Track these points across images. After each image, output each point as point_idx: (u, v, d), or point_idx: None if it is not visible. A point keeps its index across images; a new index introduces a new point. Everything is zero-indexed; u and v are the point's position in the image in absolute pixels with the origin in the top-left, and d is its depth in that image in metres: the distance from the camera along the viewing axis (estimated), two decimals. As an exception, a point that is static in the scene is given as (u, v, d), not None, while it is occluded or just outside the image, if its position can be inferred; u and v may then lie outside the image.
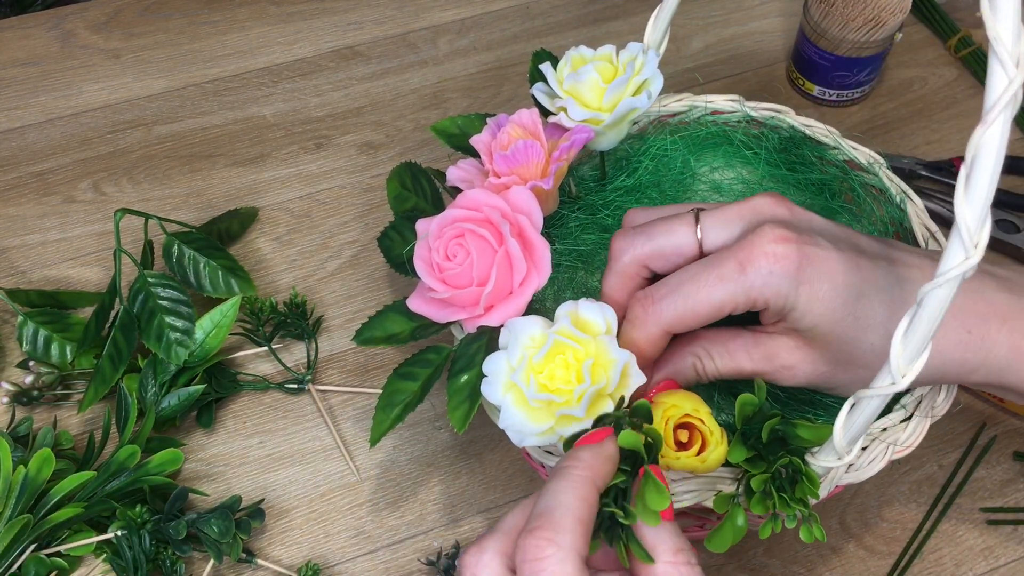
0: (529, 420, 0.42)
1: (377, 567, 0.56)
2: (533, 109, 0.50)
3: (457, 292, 0.46)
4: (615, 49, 0.51)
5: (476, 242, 0.46)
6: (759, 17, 0.81)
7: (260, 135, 0.74)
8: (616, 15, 0.81)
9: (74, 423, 0.60)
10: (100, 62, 0.78)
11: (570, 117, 0.49)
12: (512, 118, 0.50)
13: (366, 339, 0.49)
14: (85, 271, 0.67)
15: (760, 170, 0.55)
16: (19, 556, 0.52)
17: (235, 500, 0.55)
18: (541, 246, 0.46)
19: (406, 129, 0.74)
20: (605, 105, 0.49)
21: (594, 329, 0.43)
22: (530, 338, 0.43)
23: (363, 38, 0.79)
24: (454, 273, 0.46)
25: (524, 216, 0.47)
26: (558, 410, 0.41)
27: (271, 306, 0.61)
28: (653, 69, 0.50)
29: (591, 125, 0.49)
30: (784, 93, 0.76)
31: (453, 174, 0.51)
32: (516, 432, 0.42)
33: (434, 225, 0.47)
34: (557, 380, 0.41)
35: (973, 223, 0.29)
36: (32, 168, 0.72)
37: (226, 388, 0.60)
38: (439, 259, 0.46)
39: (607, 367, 0.41)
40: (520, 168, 0.48)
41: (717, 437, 0.41)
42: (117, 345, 0.58)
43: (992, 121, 0.28)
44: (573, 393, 0.41)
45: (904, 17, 0.68)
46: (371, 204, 0.70)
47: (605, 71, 0.49)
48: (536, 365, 0.42)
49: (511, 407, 0.42)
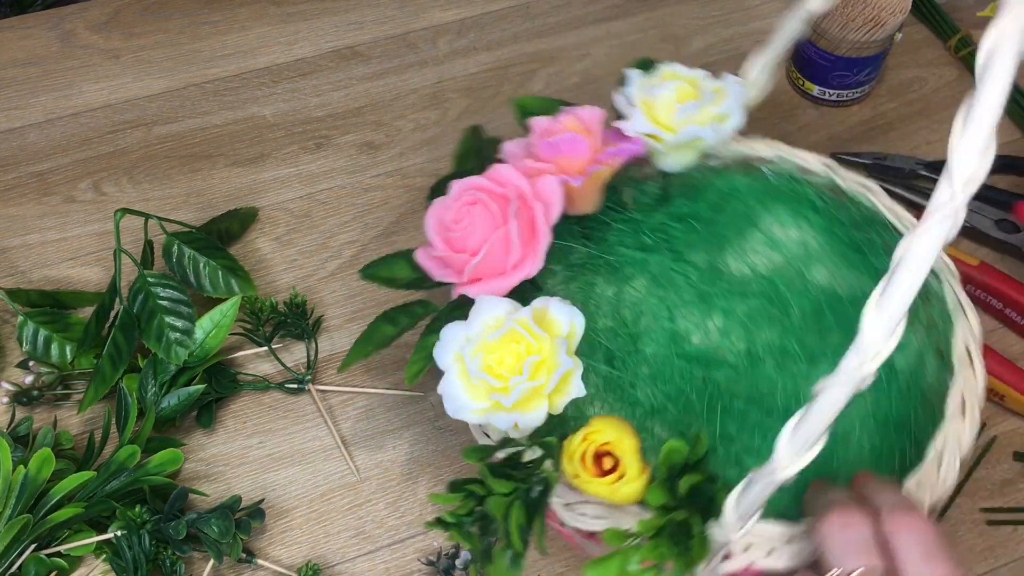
0: (467, 395, 0.43)
1: (377, 567, 0.56)
2: (601, 110, 0.50)
3: (452, 255, 0.47)
4: (706, 74, 0.50)
5: (482, 213, 0.46)
6: (759, 17, 0.81)
7: (260, 135, 0.74)
8: (616, 15, 0.81)
9: (74, 423, 0.60)
10: (100, 62, 0.78)
11: (632, 127, 0.49)
12: (574, 110, 0.50)
13: (370, 274, 0.51)
14: (85, 271, 0.67)
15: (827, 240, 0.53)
16: (19, 556, 0.52)
17: (235, 500, 0.55)
18: (543, 238, 0.47)
19: (406, 129, 0.74)
20: (672, 125, 0.48)
21: (556, 330, 0.43)
22: (493, 317, 0.44)
23: (363, 38, 0.79)
24: (455, 236, 0.47)
25: (542, 205, 0.47)
26: (492, 395, 0.42)
27: (271, 306, 0.61)
28: (733, 105, 0.49)
29: (654, 141, 0.48)
30: (784, 93, 0.76)
31: (506, 148, 0.52)
32: (452, 402, 0.43)
33: (458, 187, 0.48)
34: (502, 366, 0.42)
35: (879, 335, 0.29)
36: (32, 168, 0.72)
37: (226, 388, 0.60)
38: (449, 219, 0.47)
39: (551, 369, 0.42)
40: (561, 159, 0.48)
41: (633, 473, 0.41)
42: (117, 345, 0.58)
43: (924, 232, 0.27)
44: (509, 383, 0.42)
45: (904, 17, 0.68)
46: (371, 204, 0.70)
47: (684, 92, 0.49)
48: (489, 344, 0.43)
49: (454, 377, 0.43)
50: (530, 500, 0.41)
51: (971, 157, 0.27)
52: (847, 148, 0.72)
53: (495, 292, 0.46)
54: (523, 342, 0.42)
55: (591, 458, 0.42)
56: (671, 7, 0.81)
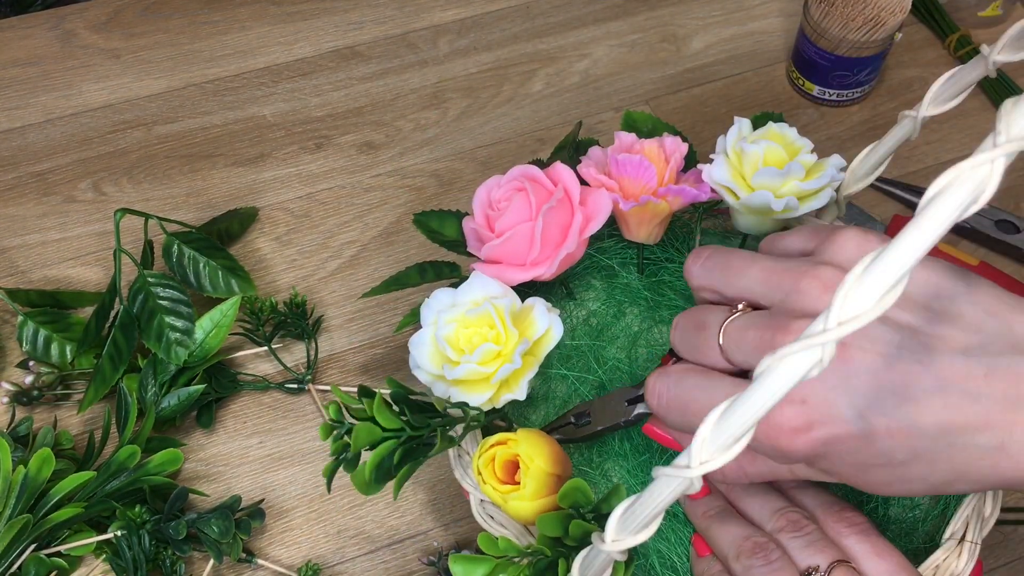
0: (427, 355, 0.45)
1: (377, 567, 0.56)
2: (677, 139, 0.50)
3: (484, 231, 0.48)
4: (811, 147, 0.48)
5: (522, 201, 0.47)
6: (759, 17, 0.81)
7: (260, 135, 0.74)
8: (616, 15, 0.81)
9: (74, 423, 0.60)
10: (100, 62, 0.78)
11: (709, 173, 0.48)
12: (657, 139, 0.51)
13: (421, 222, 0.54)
14: (85, 271, 0.67)
15: None
16: (19, 556, 0.52)
17: (235, 500, 0.55)
18: (571, 246, 0.47)
19: (406, 129, 0.74)
20: (750, 182, 0.47)
21: (530, 331, 0.45)
22: (481, 295, 0.46)
23: (363, 38, 0.79)
24: (493, 215, 0.48)
25: (584, 216, 0.47)
26: (445, 365, 0.44)
27: (271, 306, 0.61)
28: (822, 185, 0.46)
29: (729, 195, 0.47)
30: (784, 93, 0.76)
31: (592, 151, 0.52)
32: (414, 358, 0.46)
33: (517, 171, 0.49)
34: (465, 343, 0.44)
35: (711, 448, 0.27)
36: (32, 168, 0.72)
37: (226, 388, 0.60)
38: (496, 197, 0.49)
39: (508, 357, 0.43)
40: (625, 179, 0.48)
41: (527, 493, 0.41)
42: (117, 345, 0.58)
43: (784, 356, 0.25)
44: (460, 358, 0.44)
45: (904, 17, 0.68)
46: (371, 204, 0.70)
47: (773, 154, 0.47)
48: (465, 319, 0.45)
49: (426, 335, 0.46)
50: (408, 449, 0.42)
51: (858, 302, 0.24)
52: (847, 149, 0.72)
53: (506, 280, 0.47)
54: (494, 329, 0.44)
55: (500, 464, 0.43)
56: (671, 7, 0.81)
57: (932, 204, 0.24)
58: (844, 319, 0.24)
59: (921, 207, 0.24)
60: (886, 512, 0.46)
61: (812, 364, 0.25)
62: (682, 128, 0.72)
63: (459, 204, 0.70)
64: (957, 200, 0.23)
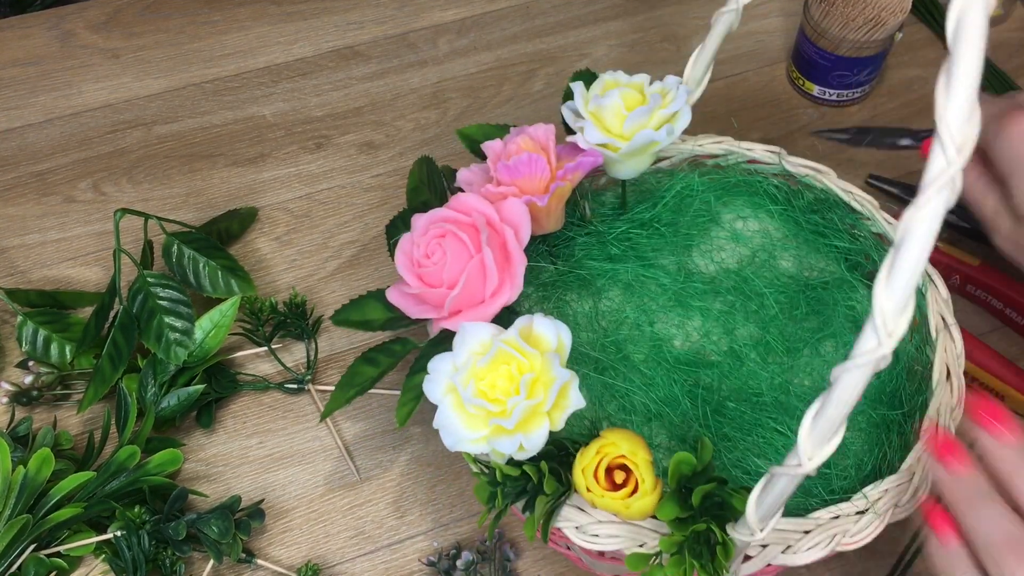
0: (464, 426, 0.42)
1: (377, 567, 0.56)
2: (550, 125, 0.49)
3: (428, 290, 0.46)
4: (648, 79, 0.50)
5: (454, 244, 0.45)
6: (759, 17, 0.81)
7: (260, 135, 0.74)
8: (616, 15, 0.81)
9: (74, 423, 0.60)
10: (100, 62, 0.78)
11: (586, 139, 0.48)
12: (526, 129, 0.49)
13: (341, 320, 0.50)
14: (85, 271, 0.67)
15: (785, 227, 0.54)
16: (19, 556, 0.52)
17: (235, 500, 0.55)
18: (518, 261, 0.46)
19: (406, 129, 0.74)
20: (624, 132, 0.48)
21: (544, 345, 0.43)
22: (479, 343, 0.43)
23: (363, 38, 0.79)
24: (429, 271, 0.46)
25: (511, 229, 0.46)
26: (492, 420, 0.41)
27: (271, 306, 0.61)
28: (681, 105, 0.48)
29: (608, 151, 0.48)
30: (784, 93, 0.76)
31: (461, 176, 0.51)
32: (450, 435, 0.42)
33: (422, 221, 0.47)
34: (497, 390, 0.41)
35: (891, 312, 0.28)
36: (32, 168, 0.72)
37: (226, 388, 0.60)
38: (419, 255, 0.46)
39: (547, 384, 0.41)
40: (521, 180, 0.47)
41: (648, 487, 0.40)
42: (117, 345, 0.58)
43: (924, 204, 0.27)
44: (507, 405, 0.40)
45: (904, 17, 0.68)
46: (371, 204, 0.70)
47: (630, 99, 0.48)
48: (479, 371, 0.42)
49: (448, 409, 0.42)
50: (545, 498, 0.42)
51: (959, 123, 0.26)
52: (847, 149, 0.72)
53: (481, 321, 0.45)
54: (513, 362, 0.41)
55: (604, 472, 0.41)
56: (671, 7, 0.81)
57: None
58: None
59: None
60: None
61: None
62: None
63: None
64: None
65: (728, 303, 0.52)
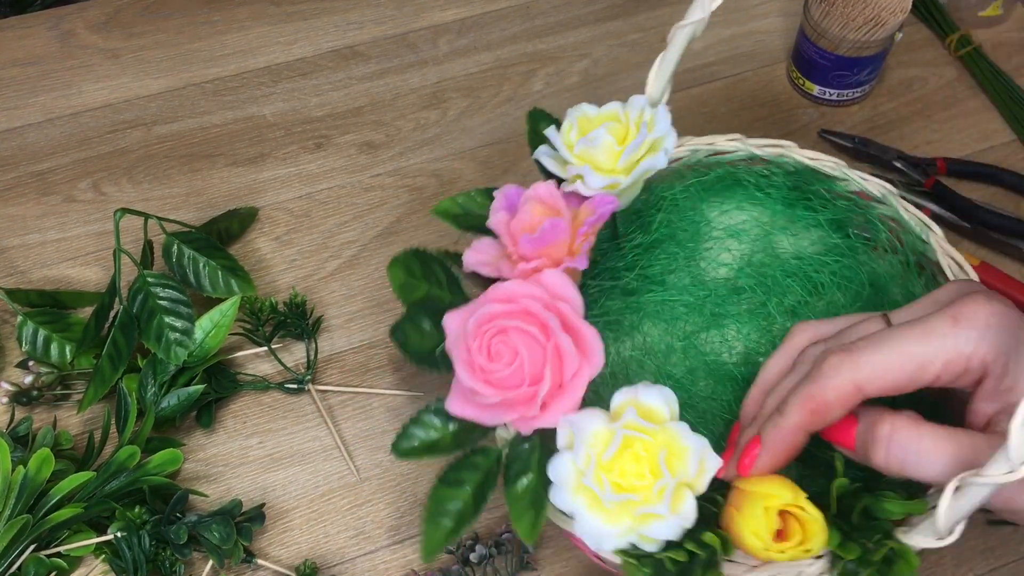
0: (605, 523, 0.39)
1: (377, 567, 0.56)
2: (550, 182, 0.46)
3: (510, 393, 0.41)
4: (621, 106, 0.48)
5: (522, 339, 0.42)
6: (759, 17, 0.81)
7: (260, 135, 0.74)
8: (616, 15, 0.81)
9: (74, 423, 0.60)
10: (100, 62, 0.78)
11: (589, 186, 0.45)
12: (529, 194, 0.46)
13: (406, 452, 0.44)
14: (85, 271, 0.67)
15: (772, 210, 0.53)
16: (19, 556, 0.52)
17: (236, 504, 0.55)
18: (590, 334, 0.43)
19: (406, 129, 0.74)
20: (621, 168, 0.45)
21: (659, 416, 0.40)
22: (593, 435, 0.40)
23: (363, 38, 0.79)
24: (503, 375, 0.41)
25: (565, 303, 0.43)
26: (637, 509, 0.38)
27: (271, 306, 0.61)
28: (666, 124, 0.47)
29: (611, 190, 0.46)
30: (784, 93, 0.76)
31: (471, 259, 0.46)
32: (592, 538, 0.39)
33: (471, 324, 0.42)
34: (630, 476, 0.38)
35: None
36: (32, 168, 0.72)
37: (226, 388, 0.60)
38: (483, 361, 0.42)
39: (682, 456, 0.39)
40: (548, 248, 0.44)
41: (820, 524, 0.38)
42: (117, 345, 0.58)
43: None
44: (652, 489, 0.38)
45: (904, 17, 0.68)
46: (371, 204, 0.70)
47: (617, 132, 0.46)
48: (606, 464, 0.39)
49: (585, 512, 0.39)
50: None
51: None
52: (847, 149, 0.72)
53: (569, 409, 0.42)
54: (639, 443, 0.39)
55: (772, 526, 0.39)
56: (671, 7, 0.81)
57: None
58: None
59: None
60: None
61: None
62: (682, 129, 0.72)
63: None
64: None
65: (754, 301, 0.51)
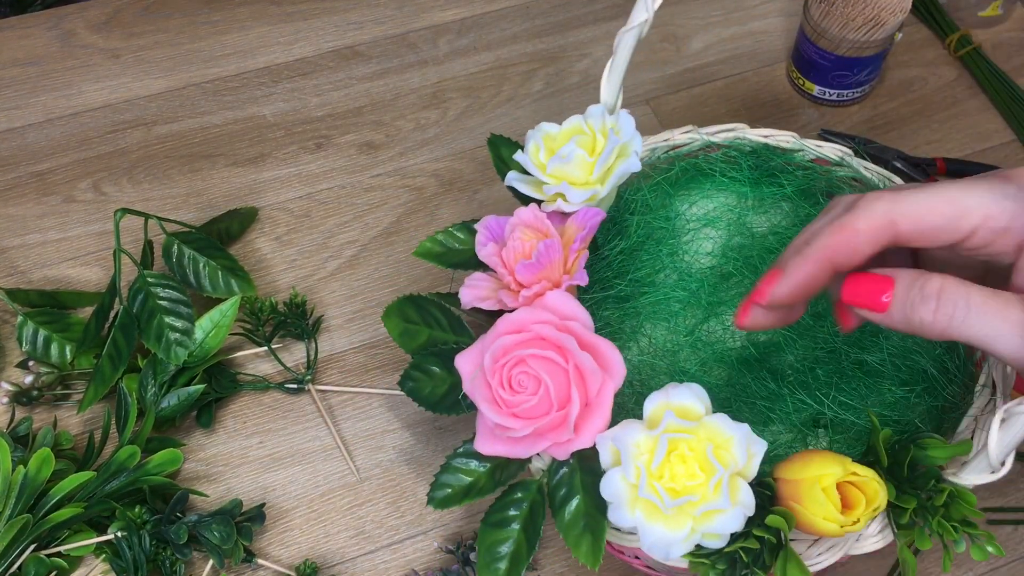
0: (668, 530, 0.39)
1: (377, 567, 0.56)
2: (532, 206, 0.47)
3: (540, 423, 0.41)
4: (581, 118, 0.48)
5: (543, 365, 0.42)
6: (759, 17, 0.81)
7: (260, 135, 0.74)
8: (616, 15, 0.81)
9: (74, 423, 0.60)
10: (100, 62, 0.78)
11: (571, 202, 0.46)
12: (515, 221, 0.46)
13: (444, 502, 0.44)
14: (85, 271, 0.67)
15: (740, 192, 0.54)
16: (19, 556, 0.52)
17: (236, 505, 0.55)
18: (606, 348, 0.43)
19: (406, 129, 0.74)
20: (596, 178, 0.46)
21: (695, 413, 0.40)
22: (636, 446, 0.39)
23: (363, 38, 0.79)
24: (530, 406, 0.41)
25: (575, 322, 0.43)
26: (698, 508, 0.38)
27: (271, 306, 0.61)
28: (631, 127, 0.47)
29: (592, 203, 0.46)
30: (784, 93, 0.76)
31: (469, 296, 0.46)
32: (659, 549, 0.39)
33: (488, 360, 0.42)
34: (682, 478, 0.38)
35: None
36: (32, 168, 0.72)
37: (226, 388, 0.60)
38: (506, 395, 0.42)
39: (728, 446, 0.39)
40: (544, 271, 0.45)
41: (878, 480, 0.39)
42: (117, 345, 0.58)
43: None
44: (708, 485, 0.38)
45: (904, 17, 0.68)
46: (371, 204, 0.70)
47: (586, 144, 0.47)
48: (655, 472, 0.39)
49: (646, 524, 0.39)
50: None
51: None
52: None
53: (602, 427, 0.42)
54: (683, 444, 0.39)
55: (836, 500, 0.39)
56: (671, 7, 0.81)
57: None
58: None
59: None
60: None
61: None
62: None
63: (459, 204, 0.70)
64: None
65: (744, 283, 0.52)
